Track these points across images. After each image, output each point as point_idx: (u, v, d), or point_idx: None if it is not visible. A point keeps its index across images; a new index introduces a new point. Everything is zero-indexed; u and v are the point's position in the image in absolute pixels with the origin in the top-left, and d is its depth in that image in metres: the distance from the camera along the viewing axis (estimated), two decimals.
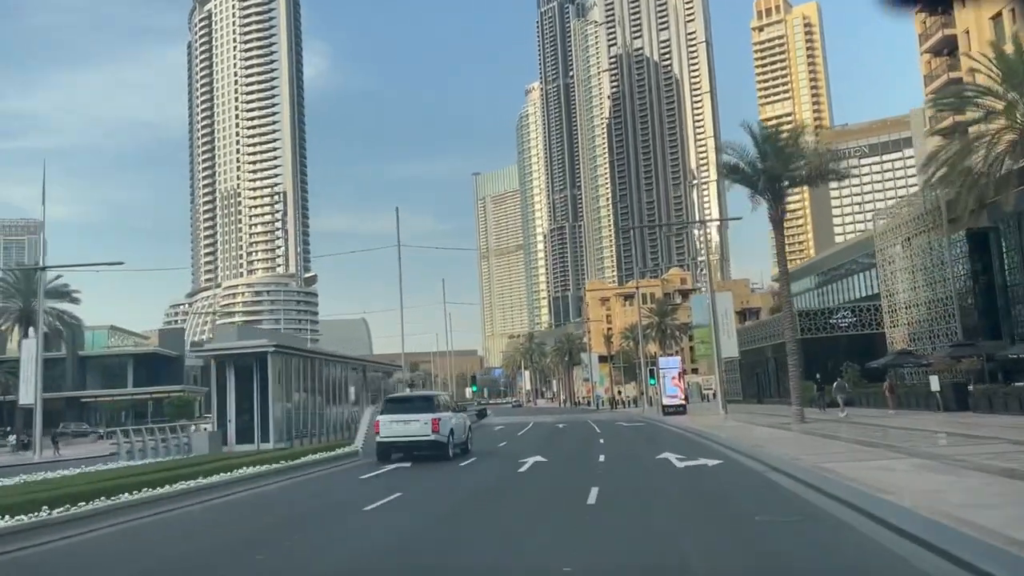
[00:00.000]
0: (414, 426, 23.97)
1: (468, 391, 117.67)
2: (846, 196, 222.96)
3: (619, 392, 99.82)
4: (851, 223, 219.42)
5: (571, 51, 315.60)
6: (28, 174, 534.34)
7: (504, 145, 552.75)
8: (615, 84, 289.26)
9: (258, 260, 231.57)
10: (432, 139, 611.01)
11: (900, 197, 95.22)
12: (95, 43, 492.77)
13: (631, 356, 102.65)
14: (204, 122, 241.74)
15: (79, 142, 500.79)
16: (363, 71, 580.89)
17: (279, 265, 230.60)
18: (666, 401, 48.11)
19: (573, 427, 44.67)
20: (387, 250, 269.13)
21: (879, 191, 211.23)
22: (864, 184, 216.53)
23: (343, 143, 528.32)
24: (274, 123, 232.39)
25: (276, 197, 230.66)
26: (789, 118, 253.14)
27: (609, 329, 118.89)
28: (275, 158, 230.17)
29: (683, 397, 48.88)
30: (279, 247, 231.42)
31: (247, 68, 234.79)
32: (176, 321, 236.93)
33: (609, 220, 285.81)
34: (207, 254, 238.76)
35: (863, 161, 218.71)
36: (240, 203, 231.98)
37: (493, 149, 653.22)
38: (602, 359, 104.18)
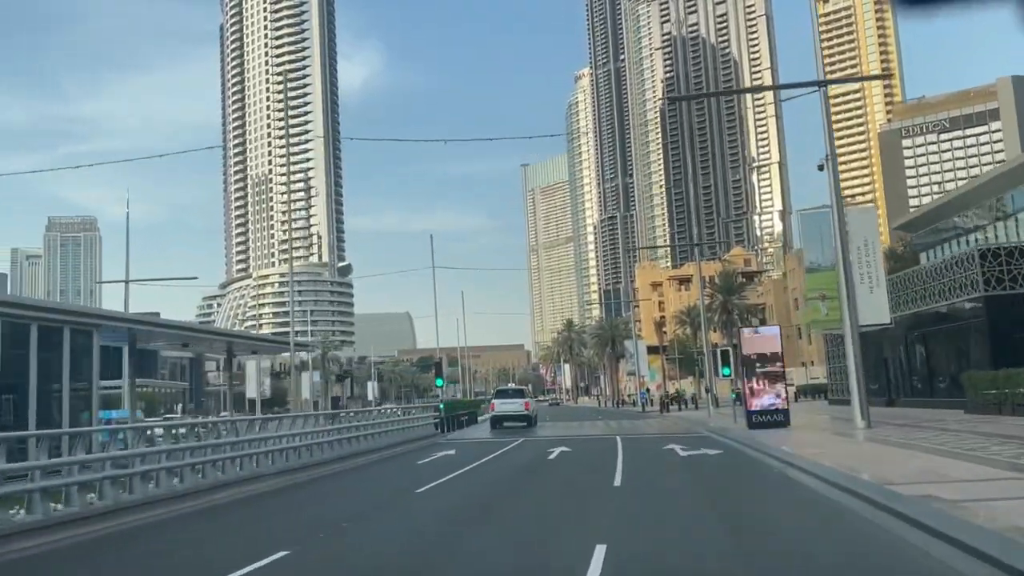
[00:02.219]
0: (516, 406, 41.65)
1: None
2: (923, 175, 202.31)
3: (673, 391, 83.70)
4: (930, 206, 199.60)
5: (622, 34, 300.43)
6: (95, 178, 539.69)
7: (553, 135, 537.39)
8: (668, 64, 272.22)
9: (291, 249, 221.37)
10: (482, 134, 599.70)
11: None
12: (156, 48, 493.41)
13: (687, 345, 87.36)
14: (235, 107, 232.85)
15: (141, 144, 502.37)
16: (414, 69, 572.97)
17: (312, 255, 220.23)
18: (755, 405, 28.62)
19: (569, 461, 22.21)
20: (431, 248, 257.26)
21: (961, 168, 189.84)
22: (944, 161, 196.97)
23: (393, 142, 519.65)
24: (306, 107, 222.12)
25: (310, 183, 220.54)
26: (858, 94, 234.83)
27: (662, 316, 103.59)
28: (307, 141, 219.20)
29: (783, 398, 29.08)
30: (312, 235, 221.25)
31: (278, 49, 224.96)
32: (210, 313, 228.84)
33: (663, 208, 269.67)
34: (239, 243, 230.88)
35: (942, 136, 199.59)
36: (271, 191, 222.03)
37: (542, 140, 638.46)
38: (652, 350, 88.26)
